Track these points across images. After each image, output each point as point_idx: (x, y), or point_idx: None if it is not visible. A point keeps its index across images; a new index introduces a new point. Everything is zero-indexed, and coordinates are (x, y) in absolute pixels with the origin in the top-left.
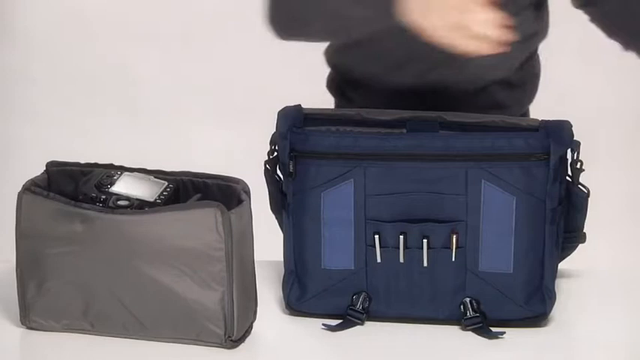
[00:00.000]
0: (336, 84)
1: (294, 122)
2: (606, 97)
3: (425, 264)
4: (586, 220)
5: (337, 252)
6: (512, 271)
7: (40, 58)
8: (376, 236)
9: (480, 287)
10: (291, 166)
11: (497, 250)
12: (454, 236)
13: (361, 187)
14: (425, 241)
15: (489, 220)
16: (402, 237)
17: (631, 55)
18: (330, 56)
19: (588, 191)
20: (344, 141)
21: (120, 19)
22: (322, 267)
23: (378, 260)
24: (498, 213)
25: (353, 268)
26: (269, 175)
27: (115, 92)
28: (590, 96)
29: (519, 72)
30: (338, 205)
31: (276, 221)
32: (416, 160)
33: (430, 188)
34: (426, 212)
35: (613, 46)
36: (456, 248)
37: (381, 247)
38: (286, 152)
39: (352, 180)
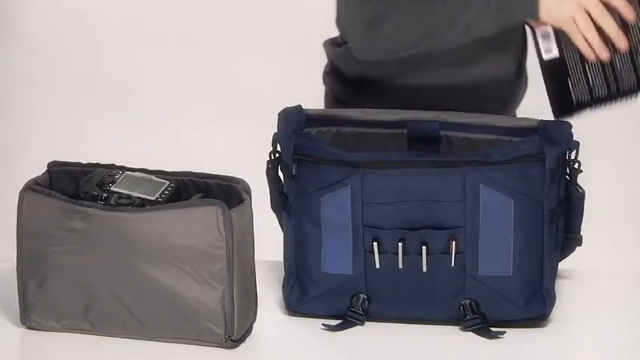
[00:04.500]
0: (337, 76)
1: (298, 125)
2: None
3: (424, 269)
4: (582, 222)
5: (336, 257)
6: (511, 274)
7: (40, 59)
8: (374, 243)
9: (479, 290)
10: (293, 169)
11: (497, 254)
12: (453, 242)
13: (358, 194)
14: (424, 247)
15: (488, 224)
16: (400, 244)
17: None
18: (339, 57)
19: (583, 192)
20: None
21: (120, 20)
22: (322, 270)
23: (377, 266)
24: (497, 216)
25: (351, 273)
26: (271, 175)
27: (116, 93)
28: None
29: (514, 77)
30: (336, 210)
31: (276, 221)
32: (413, 168)
33: (428, 196)
34: (424, 219)
35: None
36: (455, 254)
37: (379, 253)
38: (290, 155)
39: (349, 187)
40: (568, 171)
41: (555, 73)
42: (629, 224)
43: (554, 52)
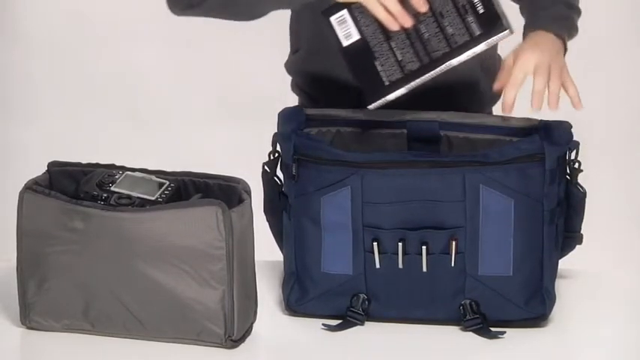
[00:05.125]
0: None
1: (298, 125)
2: (605, 98)
3: (424, 269)
4: (583, 221)
5: (336, 257)
6: (511, 274)
7: (40, 59)
8: (374, 243)
9: (479, 290)
10: (294, 169)
11: (497, 254)
12: (453, 242)
13: (358, 194)
14: (424, 247)
15: (488, 224)
16: (400, 244)
17: (630, 56)
18: (300, 66)
19: (585, 192)
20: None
21: (120, 20)
22: (322, 270)
23: (377, 266)
24: (497, 217)
25: (351, 273)
26: (267, 177)
27: (116, 93)
28: (589, 96)
29: (480, 73)
30: (336, 210)
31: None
32: (413, 168)
33: (428, 196)
34: (424, 219)
35: (612, 47)
36: (455, 254)
37: (379, 253)
38: (290, 155)
39: (349, 187)
40: (568, 171)
41: (360, 58)
42: (629, 224)
43: (355, 36)
